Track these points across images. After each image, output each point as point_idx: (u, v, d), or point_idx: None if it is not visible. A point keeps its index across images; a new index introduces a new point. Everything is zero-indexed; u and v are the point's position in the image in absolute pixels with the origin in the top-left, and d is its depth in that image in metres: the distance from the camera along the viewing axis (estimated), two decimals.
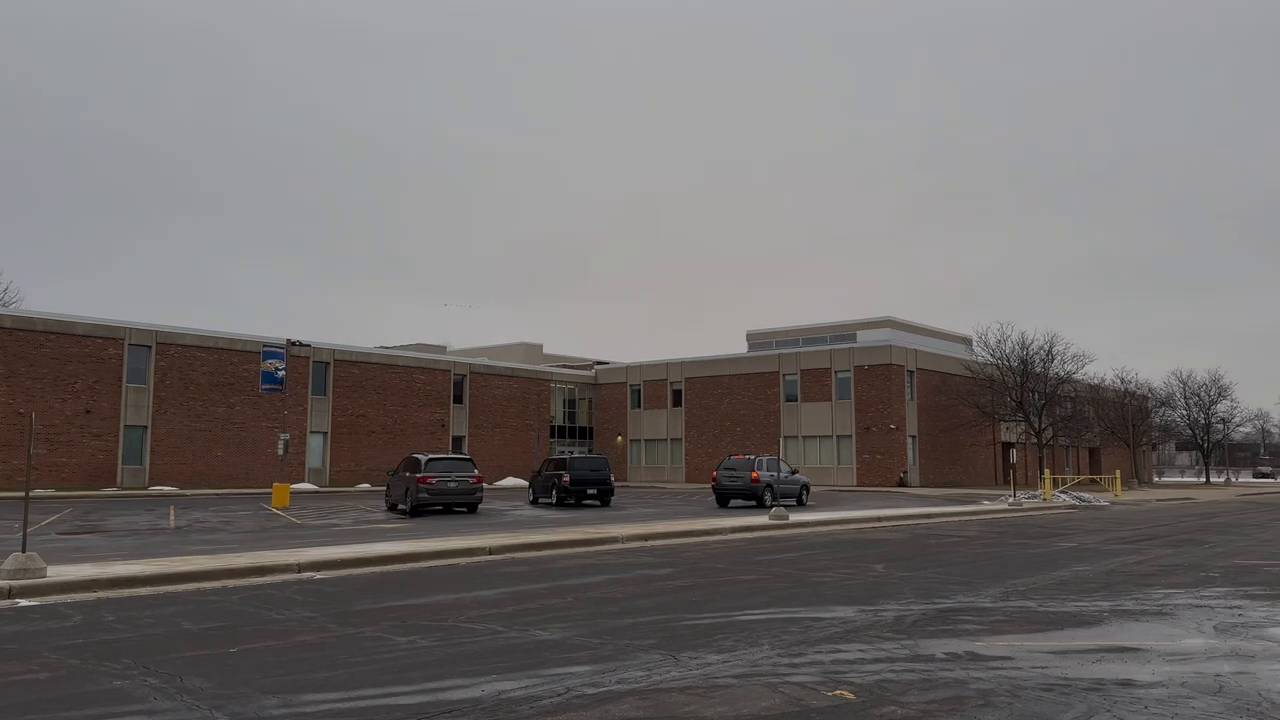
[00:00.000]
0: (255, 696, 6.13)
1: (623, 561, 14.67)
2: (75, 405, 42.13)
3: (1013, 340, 56.67)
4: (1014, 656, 7.47)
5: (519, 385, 61.62)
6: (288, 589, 11.50)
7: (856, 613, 9.59)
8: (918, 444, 54.56)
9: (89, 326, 43.29)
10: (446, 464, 28.30)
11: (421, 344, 68.07)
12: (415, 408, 55.27)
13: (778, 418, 56.81)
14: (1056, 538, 19.99)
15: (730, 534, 19.72)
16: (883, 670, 6.94)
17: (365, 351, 54.56)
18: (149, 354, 44.77)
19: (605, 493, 32.62)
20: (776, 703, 5.98)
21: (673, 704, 5.94)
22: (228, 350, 47.35)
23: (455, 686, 6.40)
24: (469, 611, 9.68)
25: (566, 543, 17.11)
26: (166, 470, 44.48)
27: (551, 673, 6.80)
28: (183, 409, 45.50)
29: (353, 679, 6.68)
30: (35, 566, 11.12)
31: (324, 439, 50.88)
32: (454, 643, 8.02)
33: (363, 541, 17.23)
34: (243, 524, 22.99)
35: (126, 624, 9.03)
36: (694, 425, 60.85)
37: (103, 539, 18.58)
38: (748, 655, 7.42)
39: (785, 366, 57.27)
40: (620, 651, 7.56)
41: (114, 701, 6.04)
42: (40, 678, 6.75)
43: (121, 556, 14.41)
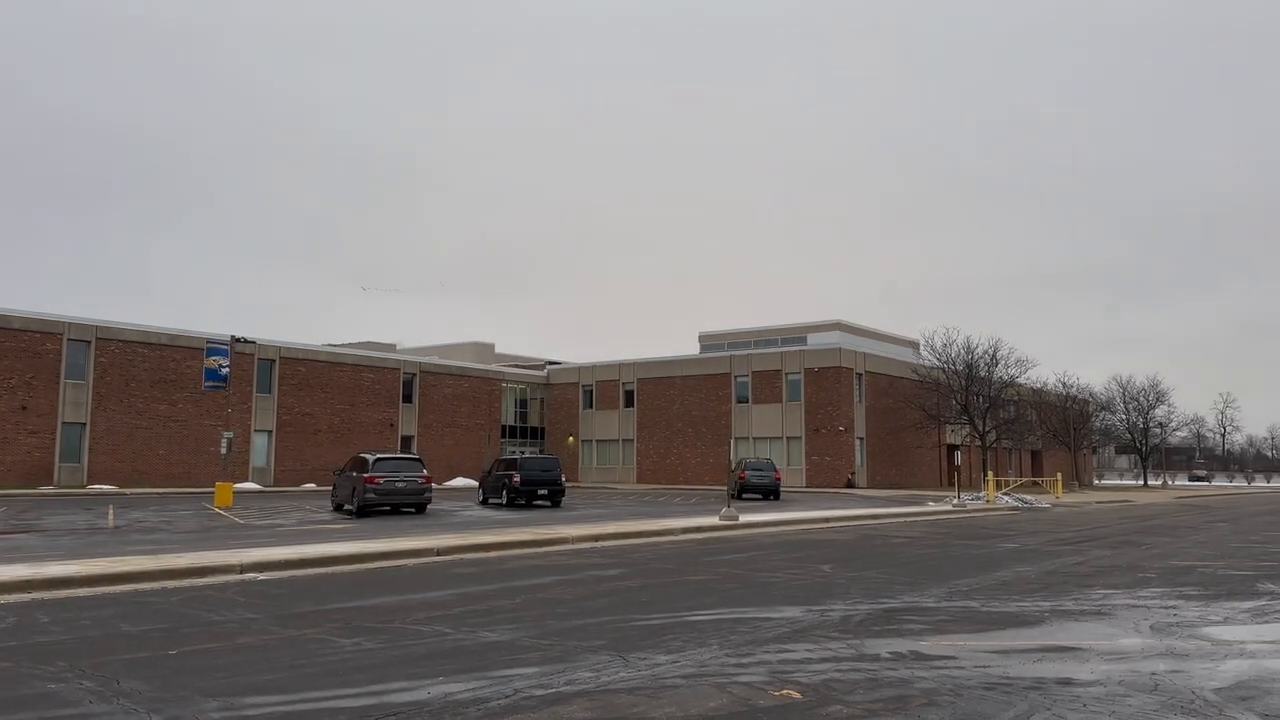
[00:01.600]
0: (195, 699, 6.00)
1: (573, 562, 14.63)
2: (10, 401, 40.91)
3: (958, 345, 57.77)
4: (957, 656, 7.58)
5: (470, 384, 61.19)
6: (229, 590, 11.28)
7: (804, 613, 9.67)
8: (866, 446, 55.25)
9: (25, 320, 42.07)
10: (394, 464, 27.98)
11: (371, 342, 67.27)
12: (363, 406, 54.60)
13: (729, 419, 57.15)
14: (999, 539, 20.36)
15: (681, 535, 19.77)
16: (829, 670, 7.01)
17: (312, 349, 53.77)
18: (88, 349, 43.64)
19: (556, 493, 32.52)
20: (724, 703, 6.00)
21: (621, 705, 5.93)
22: (170, 346, 46.36)
23: (401, 689, 6.33)
24: (416, 613, 9.58)
25: (516, 543, 17.02)
26: (106, 469, 43.39)
27: (499, 674, 6.75)
28: (123, 406, 44.43)
29: (295, 681, 6.57)
30: None
31: (269, 438, 50.03)
32: (400, 645, 7.93)
33: (308, 542, 16.96)
34: (184, 524, 22.50)
35: (62, 626, 8.78)
36: (646, 426, 60.95)
37: (38, 539, 18.05)
38: (696, 655, 7.44)
39: (737, 368, 57.64)
40: (569, 653, 7.53)
41: (48, 705, 5.87)
42: None
43: (58, 557, 14.01)
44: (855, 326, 64.31)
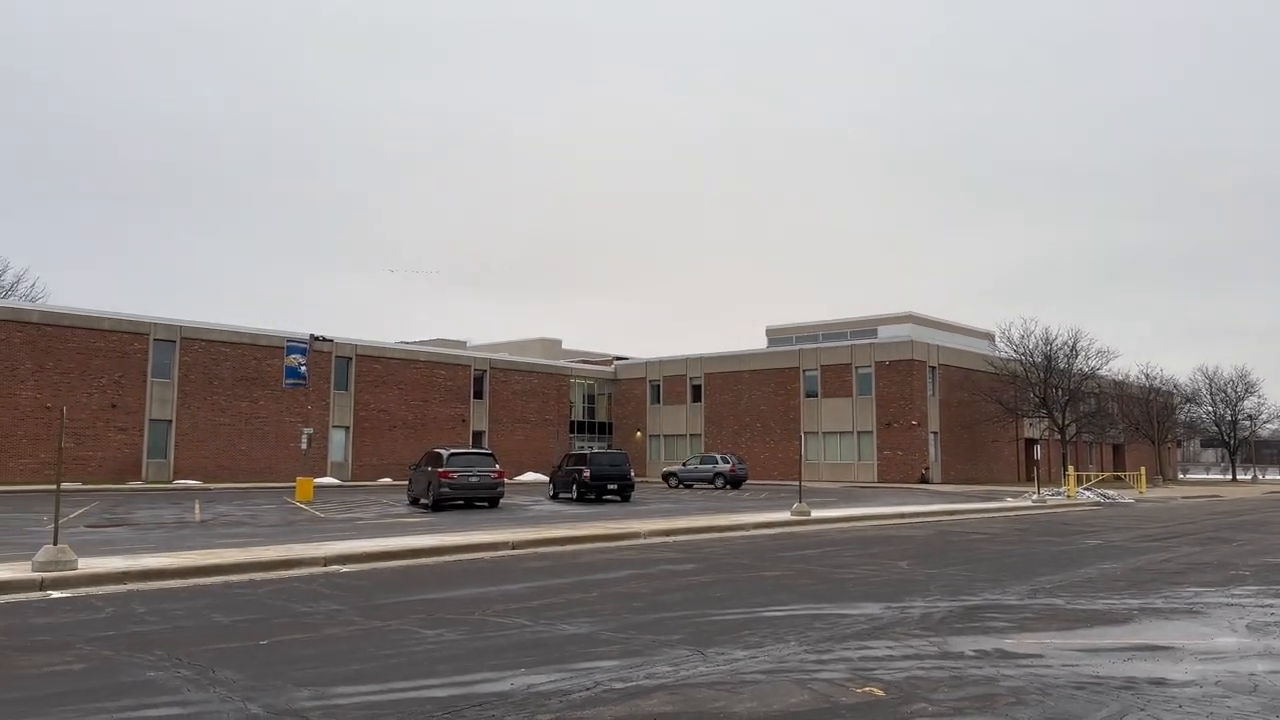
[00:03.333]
0: (287, 689, 6.18)
1: (645, 557, 14.68)
2: (101, 400, 42.59)
3: (1036, 336, 56.32)
4: (1044, 654, 7.42)
5: (538, 380, 61.76)
6: (314, 582, 11.59)
7: (883, 609, 9.55)
8: (939, 440, 54.28)
9: (115, 321, 43.74)
10: (468, 459, 28.42)
11: (442, 339, 68.31)
12: (436, 403, 55.52)
13: (798, 413, 56.67)
14: (1082, 535, 19.83)
15: (753, 530, 19.69)
16: (911, 667, 6.91)
17: (387, 347, 54.85)
18: (173, 349, 45.19)
19: (625, 488, 32.65)
20: (805, 699, 5.97)
21: (701, 699, 5.94)
22: (251, 345, 47.74)
23: (484, 680, 6.43)
24: (495, 605, 9.72)
25: (589, 538, 17.14)
26: (191, 464, 44.90)
27: (579, 667, 6.81)
28: (207, 403, 45.91)
29: (382, 671, 6.72)
30: (66, 559, 11.26)
31: (346, 433, 51.21)
32: (481, 636, 8.06)
33: (387, 535, 17.34)
34: (267, 518, 23.17)
35: (158, 616, 9.12)
36: (713, 421, 60.78)
37: (130, 532, 18.78)
38: (775, 651, 7.40)
39: (805, 362, 57.11)
40: (647, 647, 7.56)
41: (148, 692, 6.11)
42: (75, 669, 6.83)
43: (149, 549, 14.56)
44: (927, 318, 63.18)
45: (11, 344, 40.48)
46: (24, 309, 43.64)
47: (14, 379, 40.37)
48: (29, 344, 40.91)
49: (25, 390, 40.58)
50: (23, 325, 41.07)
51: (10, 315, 41.43)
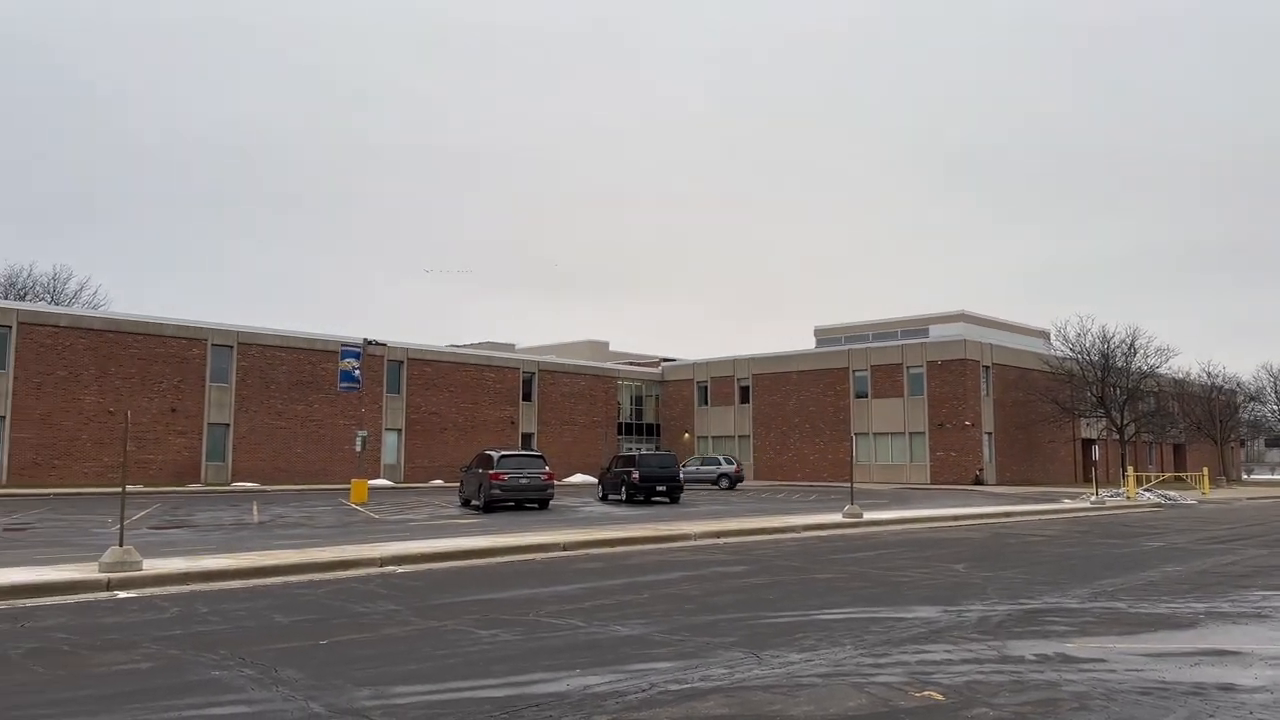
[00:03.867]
0: (347, 688, 6.28)
1: (696, 558, 14.66)
2: (161, 404, 43.66)
3: (1093, 334, 55.14)
4: (1107, 659, 7.27)
5: (586, 383, 62.01)
6: (371, 583, 11.76)
7: (939, 613, 9.42)
8: (994, 441, 53.42)
9: (174, 328, 44.84)
10: (518, 460, 28.65)
11: (491, 342, 68.93)
12: (486, 405, 56.02)
13: (848, 414, 56.15)
14: (1143, 537, 19.39)
15: (804, 532, 19.56)
16: (970, 671, 6.81)
17: (437, 350, 55.51)
18: (231, 354, 46.19)
19: (675, 489, 32.64)
20: (863, 703, 5.91)
21: (758, 702, 5.91)
22: (306, 350, 48.61)
23: (540, 680, 6.47)
24: (548, 606, 9.77)
25: (639, 539, 17.17)
26: (248, 467, 45.84)
27: (634, 668, 6.82)
28: (263, 407, 46.85)
29: (439, 671, 6.80)
30: (132, 560, 11.55)
31: (399, 436, 51.90)
32: (536, 637, 8.11)
33: (440, 536, 17.53)
34: (323, 519, 23.56)
35: (220, 616, 9.32)
36: (762, 422, 60.49)
37: (191, 533, 19.22)
38: (830, 655, 7.35)
39: (855, 362, 56.58)
40: (701, 649, 7.55)
41: (213, 691, 6.24)
42: (142, 667, 7.01)
43: (210, 551, 14.89)
44: (980, 317, 62.24)
45: (75, 350, 41.69)
46: (87, 316, 44.95)
47: (78, 384, 41.56)
48: (92, 350, 42.10)
49: (89, 395, 41.76)
50: (86, 332, 42.29)
51: (74, 322, 42.70)
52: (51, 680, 6.60)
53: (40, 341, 40.85)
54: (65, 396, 41.15)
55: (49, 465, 40.46)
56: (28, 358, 40.40)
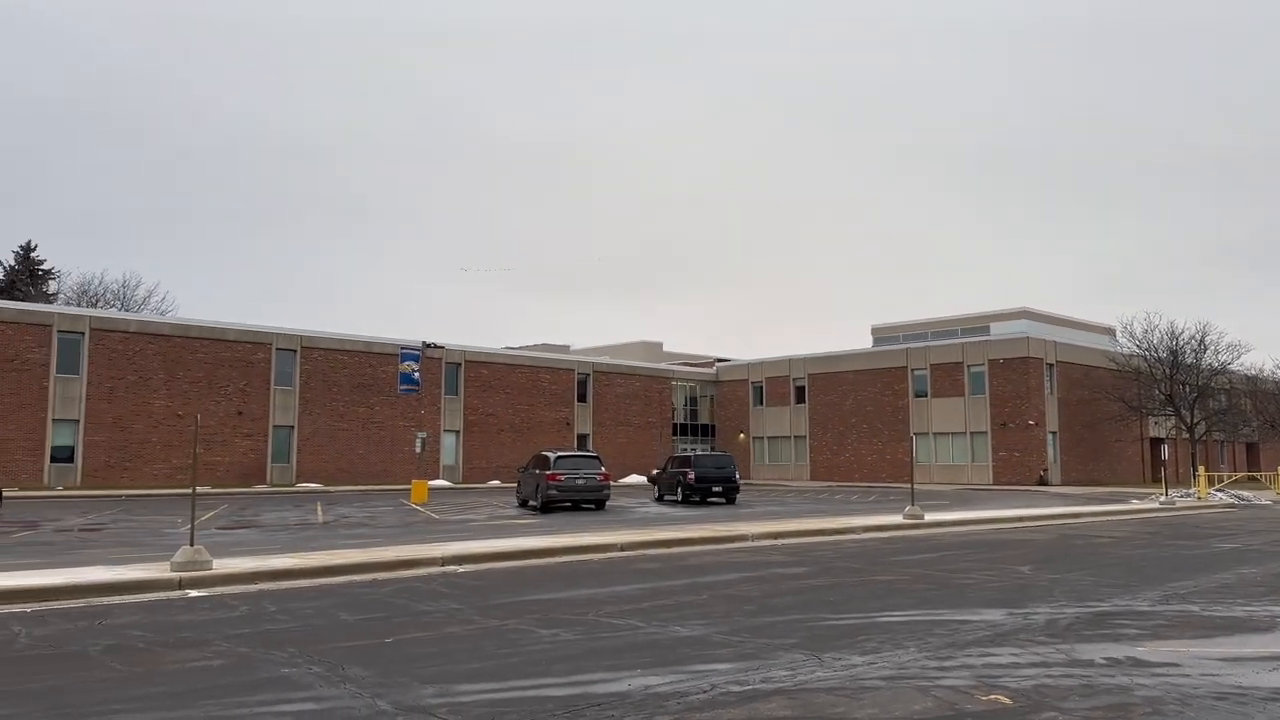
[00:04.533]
0: (413, 686, 6.37)
1: (755, 559, 14.59)
2: (228, 407, 44.77)
3: (1161, 330, 53.65)
4: (1180, 663, 7.07)
5: (640, 383, 62.13)
6: (433, 582, 11.92)
7: (1005, 615, 9.26)
8: (1058, 440, 52.30)
9: (239, 332, 45.99)
10: (574, 461, 28.83)
11: (545, 344, 69.44)
12: (541, 406, 56.45)
13: (906, 414, 55.40)
14: (1215, 538, 18.81)
15: (863, 533, 19.35)
16: (1038, 675, 6.68)
17: (493, 352, 56.09)
18: (294, 358, 47.21)
19: (731, 490, 32.54)
20: (929, 706, 5.83)
21: (821, 705, 5.87)
22: (366, 353, 49.49)
23: (601, 680, 6.50)
24: (607, 606, 9.81)
25: (696, 540, 17.15)
26: (312, 468, 46.79)
27: (695, 669, 6.81)
28: (326, 409, 47.80)
29: (502, 670, 6.86)
30: (202, 559, 11.86)
31: (456, 437, 52.55)
32: (596, 637, 8.15)
33: (499, 537, 17.71)
34: (385, 519, 23.96)
35: (288, 614, 9.52)
36: (818, 422, 59.98)
37: (258, 533, 19.67)
38: (894, 657, 7.26)
39: (914, 361, 55.81)
40: (762, 650, 7.51)
41: (283, 688, 6.39)
42: (214, 665, 7.19)
43: (277, 550, 15.22)
44: (1043, 314, 60.98)
45: (145, 355, 42.97)
46: (155, 322, 46.31)
47: (147, 388, 42.82)
48: (160, 355, 43.35)
49: (158, 399, 43.00)
50: (155, 337, 43.57)
51: (143, 328, 44.03)
52: (128, 677, 6.80)
53: (111, 347, 42.18)
54: (135, 400, 42.43)
55: (120, 467, 41.75)
56: (100, 363, 41.74)
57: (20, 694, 6.23)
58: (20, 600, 10.14)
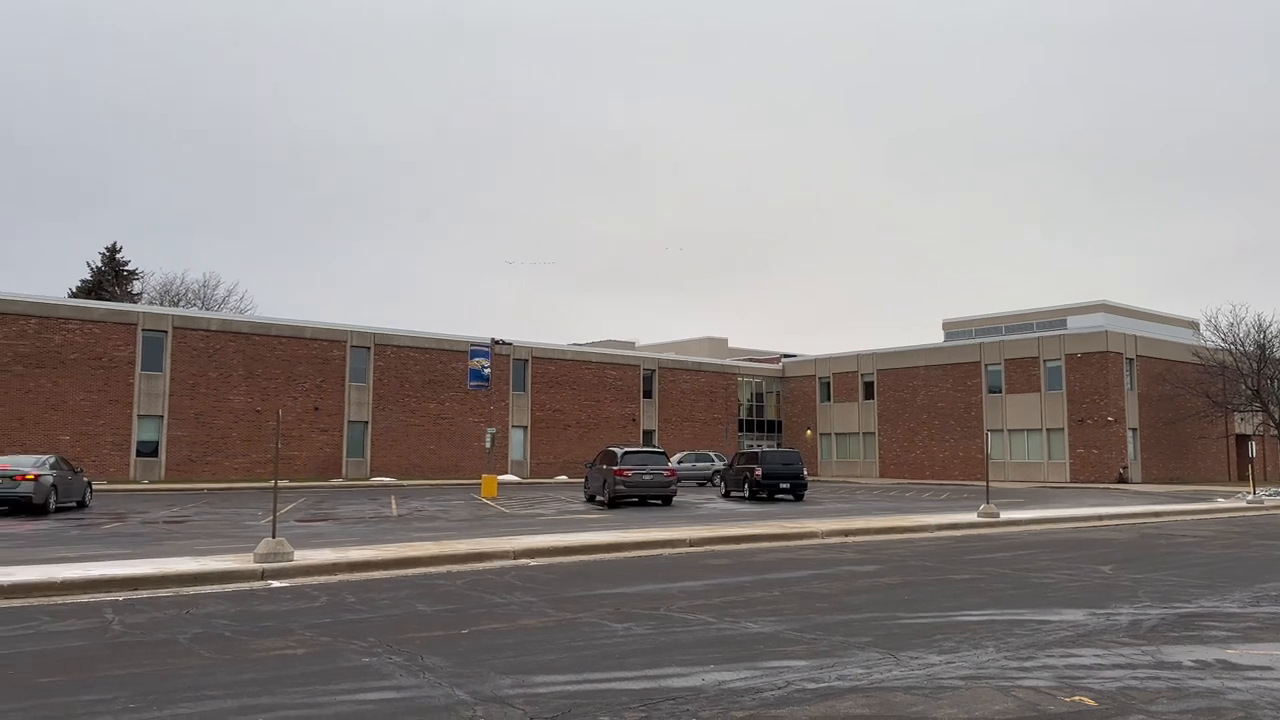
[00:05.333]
0: (490, 676, 6.47)
1: (825, 557, 14.47)
2: (305, 403, 45.93)
3: (1247, 323, 51.62)
4: (1275, 666, 6.82)
5: (706, 379, 62.01)
6: (505, 575, 12.08)
7: (1086, 616, 9.03)
8: (1139, 437, 50.73)
9: (316, 330, 47.14)
10: (642, 457, 28.91)
11: (611, 340, 69.73)
12: (607, 402, 56.73)
13: (979, 410, 54.28)
14: None
15: (936, 531, 19.04)
16: (1123, 677, 6.51)
17: (560, 349, 56.55)
18: (368, 355, 48.25)
19: (798, 487, 32.28)
20: (1010, 706, 5.72)
21: (898, 703, 5.80)
22: (437, 350, 50.33)
23: (675, 674, 6.52)
24: (678, 601, 9.83)
25: (765, 536, 17.06)
26: (385, 462, 47.77)
27: (768, 665, 6.79)
28: (399, 405, 48.76)
29: (576, 663, 6.93)
30: (284, 551, 12.20)
31: (524, 432, 53.12)
32: (668, 631, 8.17)
33: (569, 531, 17.85)
34: (457, 513, 24.34)
35: (366, 605, 9.75)
36: (887, 419, 59.12)
37: (335, 526, 20.15)
38: (972, 657, 7.14)
39: (987, 356, 54.63)
40: (836, 648, 7.45)
41: (365, 677, 6.54)
42: (298, 653, 7.39)
43: (355, 542, 15.58)
44: (1122, 307, 59.18)
45: (225, 353, 44.31)
46: (235, 320, 47.71)
47: (227, 385, 44.16)
48: (240, 353, 44.67)
49: (238, 395, 44.31)
50: (234, 335, 44.90)
51: (223, 326, 45.39)
52: (216, 664, 7.03)
53: (193, 345, 43.58)
54: (216, 397, 43.79)
55: (202, 461, 43.14)
56: (182, 360, 43.16)
57: (116, 680, 6.49)
58: (112, 589, 10.56)
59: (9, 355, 39.03)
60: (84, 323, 41.22)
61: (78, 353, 40.72)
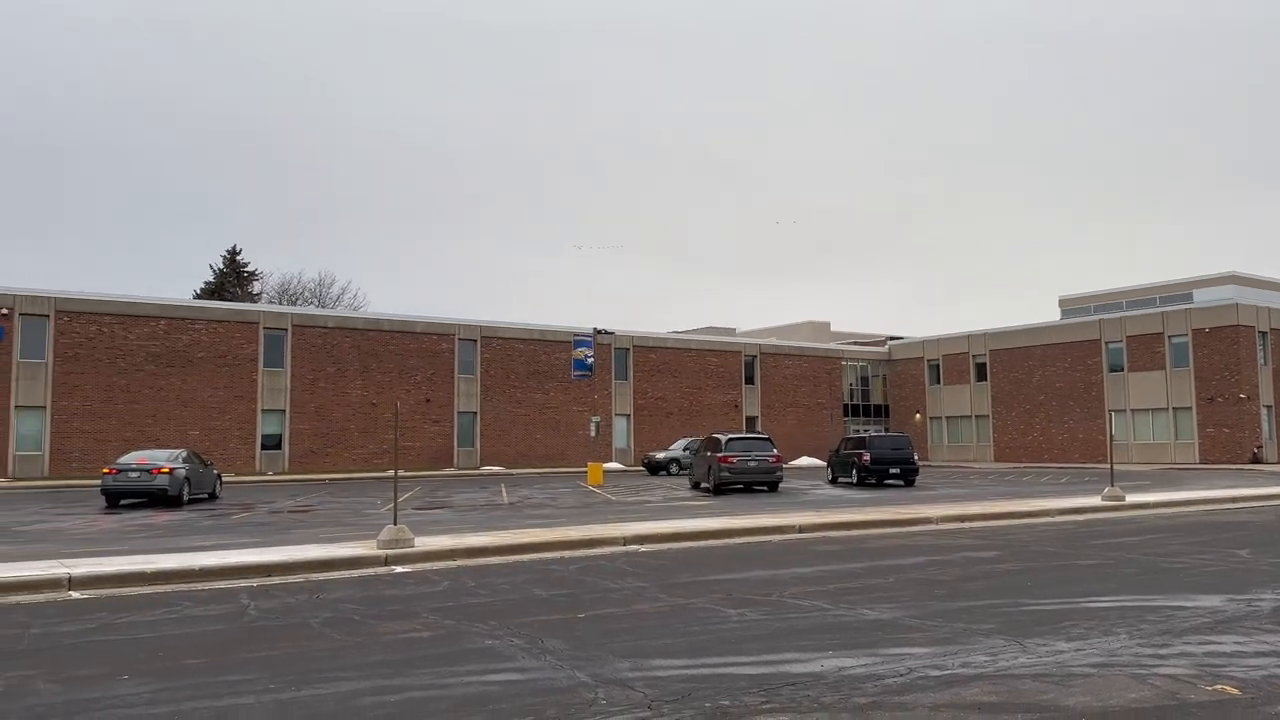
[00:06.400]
0: (609, 659, 6.57)
1: (940, 543, 14.14)
2: (417, 395, 47.34)
3: None
4: None
5: (809, 364, 61.28)
6: (616, 560, 12.22)
7: (1224, 602, 8.59)
8: (1274, 415, 47.88)
9: (426, 325, 48.53)
10: (746, 443, 28.79)
11: (711, 327, 69.52)
12: (709, 389, 56.66)
13: (1100, 389, 52.08)
14: None
15: (1058, 515, 18.39)
16: (1269, 665, 6.18)
17: (660, 337, 56.73)
18: (475, 347, 49.41)
19: (909, 472, 31.62)
20: (1146, 695, 5.50)
21: (1027, 691, 5.64)
22: (540, 341, 51.16)
23: (793, 660, 6.48)
24: (791, 588, 9.76)
25: (876, 522, 16.79)
26: (494, 452, 48.89)
27: (889, 652, 6.69)
28: (505, 396, 49.82)
29: (692, 647, 6.96)
30: (405, 537, 12.62)
31: (627, 421, 53.54)
32: (782, 617, 8.13)
33: (675, 518, 17.93)
34: (565, 500, 24.74)
35: (485, 589, 10.00)
36: (1001, 400, 57.28)
37: (450, 513, 20.74)
38: (1103, 644, 6.88)
39: (1108, 333, 52.33)
40: (957, 635, 7.29)
41: (489, 659, 6.72)
42: (423, 636, 7.64)
43: (470, 529, 16.00)
44: (1253, 278, 55.86)
45: (342, 348, 46.01)
46: (351, 317, 49.48)
47: (344, 379, 45.86)
48: (356, 348, 46.32)
49: (354, 389, 45.97)
50: (350, 332, 46.58)
51: (339, 323, 47.16)
52: (347, 646, 7.33)
53: (311, 342, 45.39)
54: (334, 391, 45.53)
55: (323, 453, 44.94)
56: (302, 357, 45.01)
57: (256, 661, 6.83)
58: (247, 575, 11.11)
59: (142, 355, 41.40)
60: (209, 323, 43.39)
61: (204, 351, 42.89)
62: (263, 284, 70.13)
